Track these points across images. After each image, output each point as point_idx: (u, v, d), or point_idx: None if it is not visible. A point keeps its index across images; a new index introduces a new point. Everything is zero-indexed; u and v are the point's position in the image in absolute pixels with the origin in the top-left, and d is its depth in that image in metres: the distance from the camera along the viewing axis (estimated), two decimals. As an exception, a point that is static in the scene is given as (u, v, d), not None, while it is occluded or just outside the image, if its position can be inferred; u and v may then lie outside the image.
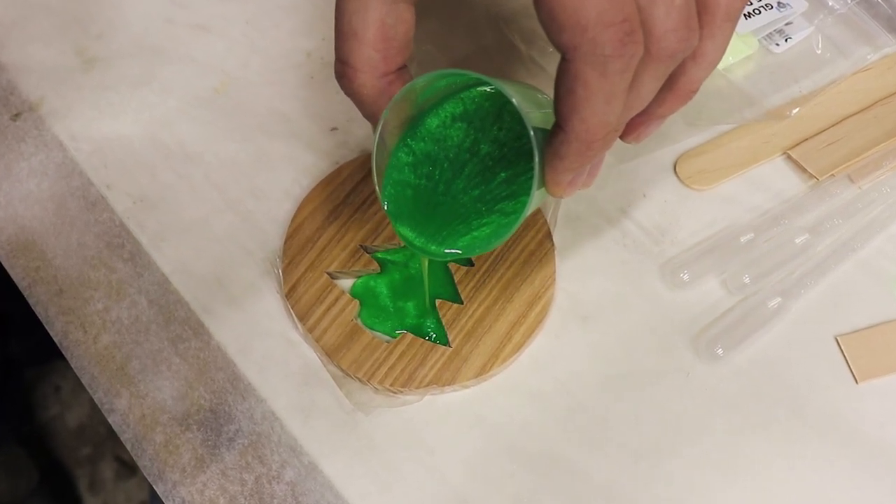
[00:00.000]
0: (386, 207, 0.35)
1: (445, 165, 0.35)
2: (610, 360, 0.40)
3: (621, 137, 0.34)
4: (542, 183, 0.31)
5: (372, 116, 0.33)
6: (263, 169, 0.46)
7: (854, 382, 0.39)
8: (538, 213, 0.43)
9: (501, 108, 0.34)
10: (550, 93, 0.29)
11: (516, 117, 0.33)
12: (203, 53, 0.50)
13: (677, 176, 0.45)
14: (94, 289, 0.43)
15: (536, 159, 0.29)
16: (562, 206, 0.44)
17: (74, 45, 0.51)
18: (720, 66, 0.47)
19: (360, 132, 0.46)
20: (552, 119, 0.29)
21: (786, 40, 0.48)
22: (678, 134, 0.46)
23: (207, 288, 0.43)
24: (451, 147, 0.35)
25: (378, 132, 0.32)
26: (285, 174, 0.46)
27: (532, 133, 0.29)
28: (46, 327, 0.43)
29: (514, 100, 0.29)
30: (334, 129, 0.47)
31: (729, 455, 0.38)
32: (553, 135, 0.29)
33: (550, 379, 0.40)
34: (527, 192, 0.30)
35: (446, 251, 0.34)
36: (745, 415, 0.39)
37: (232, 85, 0.49)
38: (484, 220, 0.34)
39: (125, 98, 0.49)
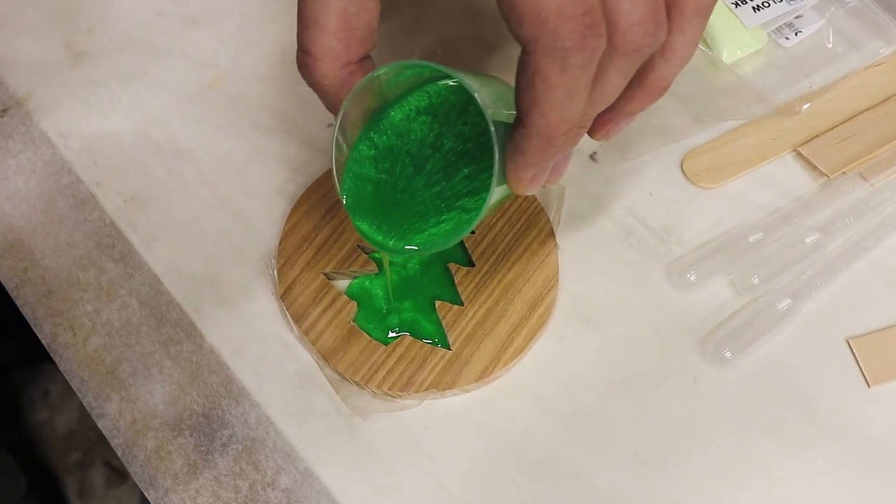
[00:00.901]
0: (344, 201, 0.35)
1: (407, 161, 0.35)
2: (614, 364, 0.40)
3: (590, 134, 0.34)
4: (504, 179, 0.31)
5: (333, 107, 0.33)
6: (258, 166, 0.46)
7: (866, 386, 0.39)
8: (541, 212, 0.43)
9: (467, 101, 0.34)
10: None
11: (481, 112, 0.33)
12: (196, 48, 0.50)
13: (684, 174, 0.45)
14: (83, 290, 0.43)
15: (496, 154, 0.29)
16: (565, 204, 0.44)
17: (64, 39, 0.51)
18: (728, 60, 0.47)
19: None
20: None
21: (796, 34, 0.48)
22: (685, 130, 0.46)
23: (200, 289, 0.43)
24: (414, 142, 0.35)
25: (338, 123, 0.32)
26: (280, 171, 0.46)
27: (493, 128, 0.29)
28: (34, 329, 0.43)
29: (476, 95, 0.29)
30: (331, 125, 0.47)
31: (737, 460, 0.38)
32: (514, 129, 0.29)
33: (553, 383, 0.40)
34: (488, 188, 0.31)
35: (406, 247, 0.34)
36: (754, 419, 0.39)
37: (225, 80, 0.49)
38: (443, 217, 0.34)
39: (115, 94, 0.49)
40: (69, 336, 0.42)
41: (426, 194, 0.35)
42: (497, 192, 0.31)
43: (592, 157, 0.46)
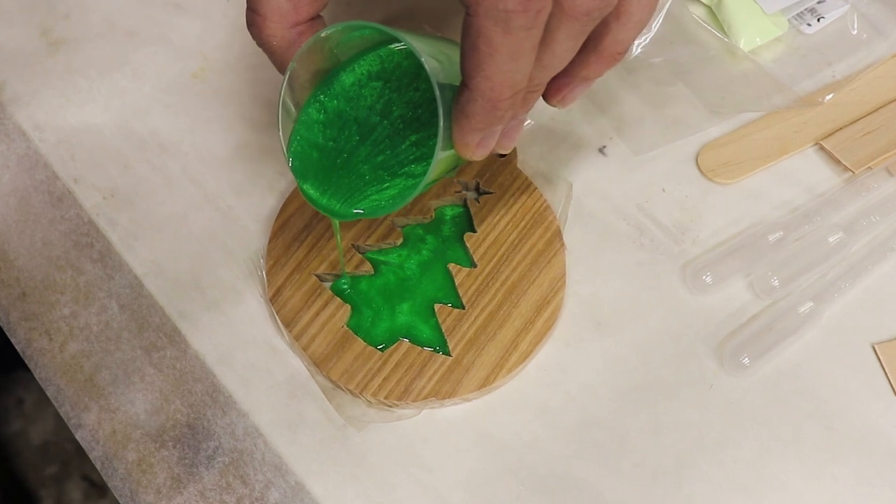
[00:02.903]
0: (290, 164, 0.36)
1: (353, 129, 0.36)
2: (625, 371, 0.40)
3: (546, 100, 0.35)
4: (450, 144, 0.32)
5: (282, 67, 0.34)
6: (245, 161, 0.46)
7: (893, 394, 0.39)
8: (547, 209, 0.43)
9: (420, 67, 0.36)
10: None
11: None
12: (180, 35, 0.50)
13: (699, 169, 0.45)
14: (60, 292, 0.43)
15: (441, 118, 0.30)
16: (573, 202, 0.44)
17: (39, 26, 0.51)
18: (746, 48, 0.47)
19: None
20: None
21: (818, 20, 0.48)
22: (700, 122, 0.46)
23: (184, 291, 0.43)
24: (363, 108, 0.36)
25: (284, 83, 0.34)
26: (269, 166, 0.46)
27: (438, 91, 0.30)
28: (8, 334, 0.43)
29: (423, 59, 0.30)
30: (323, 117, 0.47)
31: (755, 474, 0.38)
32: (459, 92, 0.30)
33: (560, 391, 0.40)
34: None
35: (353, 211, 0.36)
36: (773, 430, 0.39)
37: (211, 69, 0.49)
38: (386, 185, 0.35)
39: (94, 84, 0.49)
40: (45, 341, 0.42)
41: (367, 166, 0.36)
42: (444, 158, 0.32)
43: (601, 150, 0.46)
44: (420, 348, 0.40)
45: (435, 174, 0.33)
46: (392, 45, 0.36)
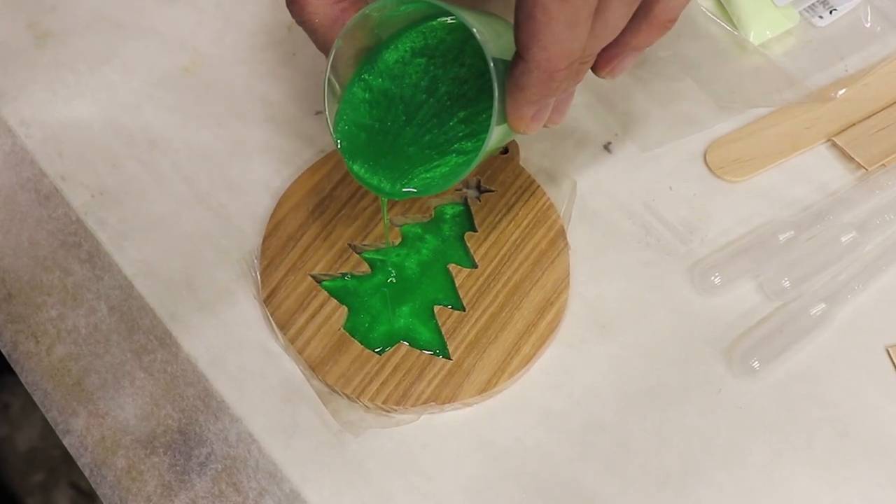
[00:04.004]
0: (339, 145, 0.37)
1: (400, 108, 0.37)
2: (631, 375, 0.40)
3: (595, 71, 0.35)
4: (503, 118, 0.32)
5: (324, 46, 0.34)
6: (239, 158, 0.46)
7: (907, 399, 0.40)
8: (550, 208, 0.43)
9: (464, 42, 0.36)
10: None
11: (479, 51, 0.35)
12: (171, 27, 0.50)
13: (708, 166, 0.45)
14: (47, 294, 0.43)
15: (496, 91, 0.31)
16: (577, 200, 0.44)
17: (25, 18, 0.51)
18: (756, 41, 0.47)
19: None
20: None
21: (830, 12, 0.48)
22: (708, 118, 0.46)
23: (175, 292, 0.43)
24: (408, 86, 0.37)
25: (329, 62, 0.34)
26: (264, 164, 0.46)
27: (492, 64, 0.30)
28: (-7, 337, 0.43)
29: (474, 30, 0.30)
30: (319, 112, 0.47)
31: (765, 481, 0.38)
32: (513, 65, 0.30)
33: (564, 395, 0.40)
34: (487, 129, 0.32)
35: (403, 190, 0.37)
36: (784, 436, 0.39)
37: (203, 63, 0.49)
38: (436, 163, 0.36)
39: (83, 78, 0.49)
40: (31, 344, 0.42)
41: (418, 143, 0.36)
42: (497, 132, 0.32)
43: (607, 147, 0.46)
44: (419, 351, 0.40)
45: (489, 150, 0.34)
46: (434, 21, 0.36)
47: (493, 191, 0.43)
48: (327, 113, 0.36)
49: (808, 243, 0.42)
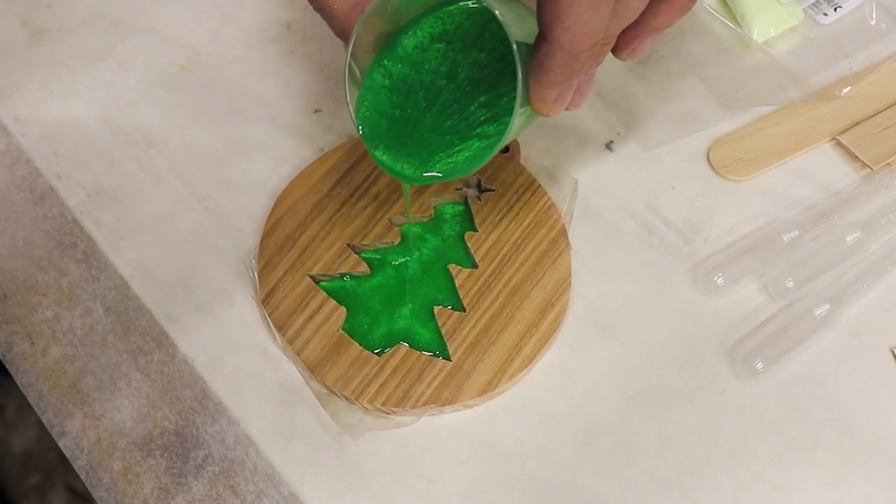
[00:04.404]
0: (361, 132, 0.37)
1: (420, 94, 0.37)
2: (633, 376, 0.40)
3: (615, 53, 0.35)
4: (527, 101, 0.33)
5: (343, 33, 0.35)
6: (237, 157, 0.46)
7: (913, 401, 0.39)
8: (551, 207, 0.43)
9: (483, 27, 0.37)
10: None
11: (498, 35, 0.35)
12: (168, 25, 0.50)
13: (711, 165, 0.45)
14: (42, 294, 0.43)
15: (520, 73, 0.31)
16: (578, 199, 0.44)
17: (21, 15, 0.51)
18: (760, 38, 0.47)
19: (348, 115, 0.46)
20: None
21: (835, 9, 0.48)
22: (712, 117, 0.46)
23: (172, 293, 0.43)
24: (428, 71, 0.37)
25: (350, 49, 0.34)
26: (262, 163, 0.46)
27: (515, 46, 0.31)
28: (-12, 338, 0.43)
29: (497, 12, 0.31)
30: (318, 111, 0.47)
31: (769, 484, 0.38)
32: (536, 47, 0.31)
33: (565, 397, 0.40)
34: (509, 112, 0.33)
35: (425, 175, 0.37)
36: (788, 438, 0.39)
37: (200, 61, 0.49)
38: (457, 149, 0.36)
39: (79, 76, 0.49)
40: (26, 345, 0.42)
41: (439, 129, 0.37)
42: (520, 115, 0.33)
43: (609, 146, 0.46)
44: (419, 353, 0.40)
45: (512, 132, 0.34)
46: (452, 6, 0.37)
47: (493, 190, 0.43)
48: (348, 98, 0.36)
49: (812, 243, 0.42)
